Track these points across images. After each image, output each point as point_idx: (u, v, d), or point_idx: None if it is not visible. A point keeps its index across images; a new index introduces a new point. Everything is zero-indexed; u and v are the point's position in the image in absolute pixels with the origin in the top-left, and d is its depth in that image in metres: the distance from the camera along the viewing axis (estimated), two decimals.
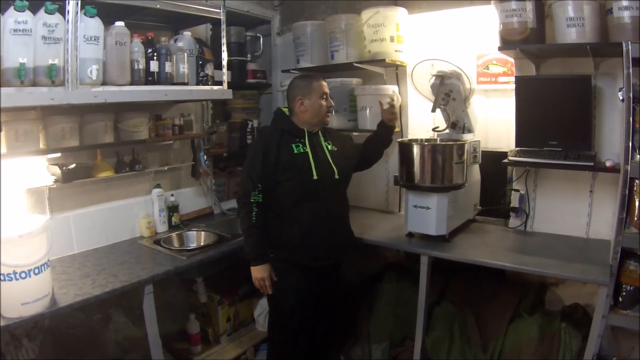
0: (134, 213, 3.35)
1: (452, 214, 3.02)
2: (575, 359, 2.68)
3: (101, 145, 3.01)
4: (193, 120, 3.70)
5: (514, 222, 3.30)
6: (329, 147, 2.76)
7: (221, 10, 3.18)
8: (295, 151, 2.64)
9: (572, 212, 3.07)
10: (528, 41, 2.80)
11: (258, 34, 4.30)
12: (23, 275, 2.06)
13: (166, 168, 3.55)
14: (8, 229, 2.07)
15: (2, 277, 2.03)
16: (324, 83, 2.74)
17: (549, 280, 3.16)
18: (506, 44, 2.88)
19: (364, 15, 3.44)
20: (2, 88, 2.10)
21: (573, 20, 2.63)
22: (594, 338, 2.45)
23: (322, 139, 2.76)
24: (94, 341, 2.84)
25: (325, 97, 2.71)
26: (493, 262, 2.71)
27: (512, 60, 3.18)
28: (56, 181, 2.80)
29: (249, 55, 4.22)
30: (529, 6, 2.75)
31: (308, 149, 2.66)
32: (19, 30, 2.12)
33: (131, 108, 3.10)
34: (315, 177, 2.61)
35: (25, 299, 2.09)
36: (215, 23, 3.40)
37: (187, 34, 3.11)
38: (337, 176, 2.69)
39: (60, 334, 2.70)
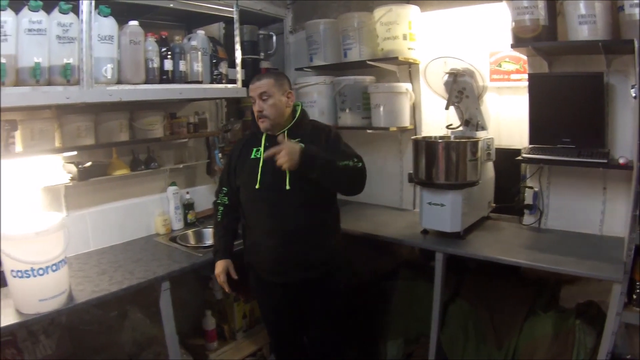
0: (149, 211, 3.39)
1: (467, 211, 3.01)
2: (590, 356, 2.66)
3: (117, 144, 3.04)
4: (207, 119, 3.74)
5: (528, 219, 3.28)
6: None
7: (234, 9, 3.19)
8: (252, 156, 2.51)
9: (585, 209, 3.05)
10: (540, 38, 2.78)
11: (271, 32, 4.29)
12: (40, 272, 2.09)
13: (181, 166, 3.59)
14: (25, 227, 2.10)
15: (19, 274, 2.07)
16: (252, 86, 2.47)
17: (563, 277, 3.13)
18: (518, 42, 2.85)
19: (377, 13, 3.44)
20: (18, 87, 2.13)
21: (585, 17, 2.61)
22: (608, 335, 2.45)
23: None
24: (110, 338, 2.87)
25: (254, 101, 2.46)
26: (507, 259, 2.71)
27: (524, 57, 3.17)
28: (72, 179, 2.84)
29: (262, 54, 4.20)
30: (541, 4, 2.72)
31: (261, 155, 2.44)
32: (34, 30, 2.14)
33: (146, 106, 3.14)
34: (257, 186, 2.42)
35: (42, 295, 2.12)
36: (228, 22, 3.41)
37: (200, 32, 3.12)
38: (288, 187, 2.36)
39: (77, 331, 2.74)
